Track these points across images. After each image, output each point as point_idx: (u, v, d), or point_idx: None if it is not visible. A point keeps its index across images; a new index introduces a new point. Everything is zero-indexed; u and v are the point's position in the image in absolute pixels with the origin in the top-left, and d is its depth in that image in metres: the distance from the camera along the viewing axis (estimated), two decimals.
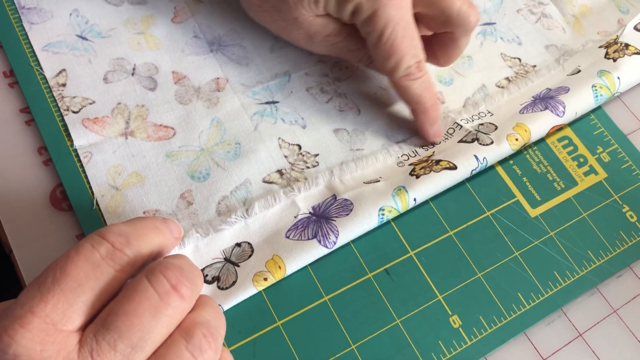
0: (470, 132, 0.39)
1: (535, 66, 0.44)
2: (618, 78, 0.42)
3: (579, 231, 0.39)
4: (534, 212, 0.39)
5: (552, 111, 0.40)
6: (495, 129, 0.39)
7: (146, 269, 0.25)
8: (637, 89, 0.45)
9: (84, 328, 0.24)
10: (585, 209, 0.39)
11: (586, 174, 0.41)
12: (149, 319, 0.24)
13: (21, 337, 0.22)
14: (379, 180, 0.36)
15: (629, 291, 0.38)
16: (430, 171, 0.36)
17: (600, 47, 0.44)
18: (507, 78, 0.43)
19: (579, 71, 0.43)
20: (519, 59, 0.44)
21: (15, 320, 0.22)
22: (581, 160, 0.41)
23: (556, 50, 0.45)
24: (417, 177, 0.36)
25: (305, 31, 0.37)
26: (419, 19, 0.37)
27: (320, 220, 0.35)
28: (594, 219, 0.39)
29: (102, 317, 0.24)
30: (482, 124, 0.40)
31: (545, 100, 0.41)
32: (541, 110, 0.40)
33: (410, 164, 0.38)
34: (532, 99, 0.41)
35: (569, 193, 0.40)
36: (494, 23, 0.46)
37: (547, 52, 0.45)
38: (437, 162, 0.37)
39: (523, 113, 0.40)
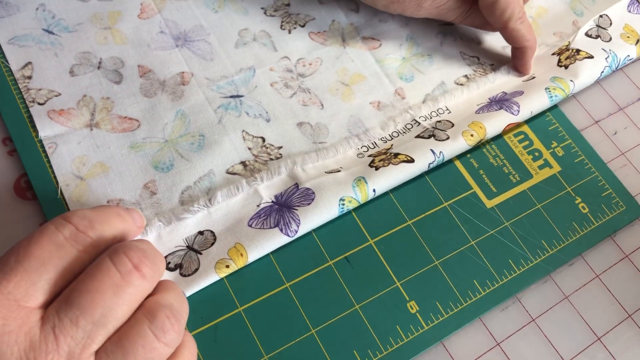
0: (427, 129, 0.40)
1: (493, 65, 0.46)
2: (571, 80, 0.43)
3: (534, 222, 0.40)
4: (490, 203, 0.40)
5: (506, 110, 0.41)
6: (452, 126, 0.41)
7: (109, 249, 0.26)
8: (590, 89, 0.47)
9: (46, 306, 0.24)
10: (539, 201, 0.41)
11: (541, 167, 0.42)
12: (110, 297, 0.24)
13: None
14: (340, 171, 0.37)
15: (580, 278, 0.39)
16: (389, 164, 0.38)
17: (553, 54, 0.46)
18: (465, 76, 0.45)
19: (534, 78, 0.45)
20: (478, 58, 0.46)
21: None
22: (536, 154, 0.43)
23: None
24: (377, 168, 0.37)
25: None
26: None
27: (282, 209, 0.35)
28: (548, 210, 0.41)
29: (65, 294, 0.24)
30: (439, 122, 0.41)
31: (500, 102, 0.42)
32: (496, 110, 0.41)
33: (369, 155, 0.39)
34: (489, 100, 0.43)
35: (524, 185, 0.41)
36: (453, 24, 0.47)
37: (504, 52, 0.47)
38: (396, 155, 0.38)
39: (479, 113, 0.42)
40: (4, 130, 0.36)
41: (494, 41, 0.47)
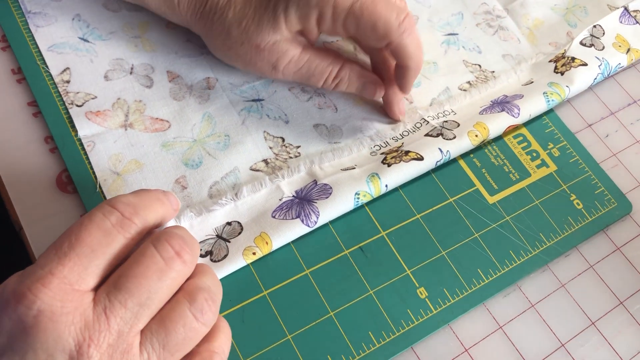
0: (435, 127, 0.44)
1: (493, 72, 0.49)
2: (567, 86, 0.47)
3: (532, 216, 0.43)
4: (491, 199, 0.43)
5: (508, 112, 0.45)
6: (458, 126, 0.44)
7: (152, 237, 0.28)
8: (584, 94, 0.50)
9: (96, 289, 0.26)
10: (537, 197, 0.44)
11: (538, 166, 0.46)
12: (155, 281, 0.27)
13: (44, 295, 0.24)
14: (355, 168, 0.41)
15: (575, 268, 0.42)
16: (400, 161, 0.41)
17: (550, 61, 0.50)
18: (468, 82, 0.48)
19: (532, 82, 0.48)
20: (479, 65, 0.49)
21: (37, 280, 0.25)
22: (534, 154, 0.46)
23: (512, 59, 0.50)
24: (389, 165, 0.40)
25: (268, 59, 0.39)
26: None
27: (302, 202, 0.39)
28: (545, 206, 0.44)
29: (113, 279, 0.27)
30: (446, 121, 0.44)
31: (502, 104, 0.46)
32: (498, 112, 0.45)
33: (382, 153, 0.42)
34: (491, 103, 0.46)
35: (523, 183, 0.45)
36: (457, 34, 0.51)
37: (504, 60, 0.50)
38: (406, 152, 0.41)
39: (482, 114, 0.45)
40: (46, 129, 0.39)
41: (495, 51, 0.50)
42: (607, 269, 0.43)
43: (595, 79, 0.48)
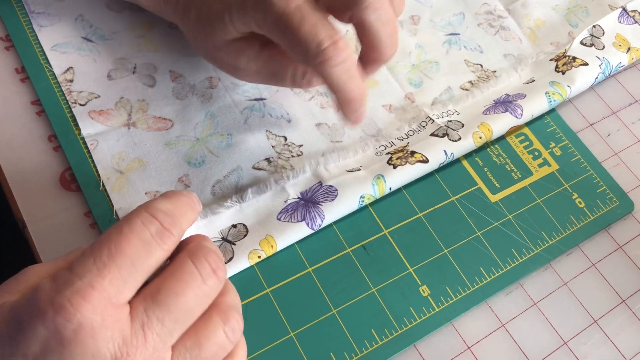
0: (440, 127, 0.44)
1: (495, 72, 0.49)
2: (568, 86, 0.47)
3: (534, 215, 0.43)
4: (494, 198, 0.43)
5: (511, 113, 0.45)
6: (462, 126, 0.44)
7: (189, 251, 0.27)
8: (585, 94, 0.50)
9: (130, 301, 0.26)
10: (539, 196, 0.44)
11: (540, 165, 0.46)
12: (193, 298, 0.26)
13: (85, 309, 0.23)
14: (360, 169, 0.41)
15: (577, 267, 0.43)
16: (406, 162, 0.41)
17: (551, 60, 0.50)
18: (470, 81, 0.48)
19: (533, 81, 0.48)
20: (481, 65, 0.50)
21: (77, 293, 0.23)
22: (536, 153, 0.46)
23: (513, 59, 0.51)
24: (394, 167, 0.41)
25: (227, 60, 0.38)
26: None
27: (308, 204, 0.39)
28: (547, 204, 0.44)
29: (151, 293, 0.26)
30: (450, 121, 0.45)
31: (505, 103, 0.46)
32: (502, 112, 0.45)
33: (387, 153, 0.42)
34: (494, 102, 0.46)
35: (525, 182, 0.45)
36: (458, 34, 0.51)
37: (505, 60, 0.50)
38: (412, 153, 0.41)
39: (486, 114, 0.45)
40: (50, 128, 0.39)
41: (496, 50, 0.51)
42: (609, 267, 0.43)
43: (597, 78, 0.49)
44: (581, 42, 0.50)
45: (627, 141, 0.49)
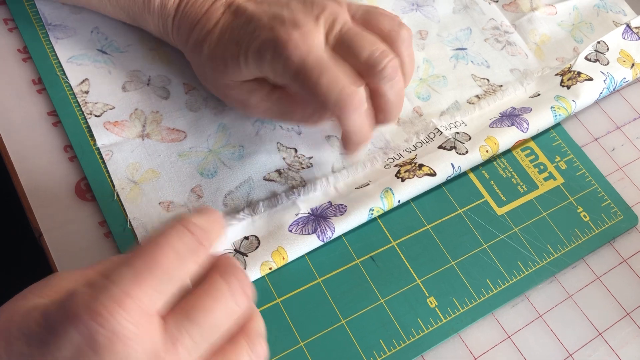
0: (448, 139, 0.45)
1: (501, 86, 0.50)
2: (573, 101, 0.48)
3: (540, 228, 0.44)
4: (500, 211, 0.44)
5: (517, 127, 0.46)
6: (469, 139, 0.45)
7: (220, 270, 0.28)
8: (590, 109, 0.51)
9: (161, 313, 0.26)
10: (545, 209, 0.45)
11: (546, 179, 0.46)
12: (224, 317, 0.26)
13: (120, 316, 0.23)
14: (369, 184, 0.41)
15: (582, 280, 0.43)
16: (414, 176, 0.42)
17: (556, 74, 0.51)
18: (477, 96, 0.49)
19: (539, 95, 0.49)
20: (488, 80, 0.50)
21: (113, 300, 0.23)
22: (541, 167, 0.47)
23: (519, 74, 0.51)
24: (403, 180, 0.41)
25: (237, 98, 0.40)
26: None
27: (318, 219, 0.39)
28: (553, 217, 0.45)
29: (184, 308, 0.26)
30: (457, 133, 0.45)
31: (511, 117, 0.46)
32: (508, 126, 0.46)
33: (395, 165, 0.43)
34: (500, 115, 0.47)
35: (530, 195, 0.45)
36: (465, 48, 0.52)
37: (511, 75, 0.51)
38: (420, 166, 0.42)
39: (492, 127, 0.46)
40: (65, 138, 0.40)
41: (503, 65, 0.51)
42: (614, 280, 0.43)
43: (601, 93, 0.49)
44: (586, 58, 0.51)
45: (632, 156, 0.50)
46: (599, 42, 0.52)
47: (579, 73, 0.50)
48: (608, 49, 0.52)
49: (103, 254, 0.37)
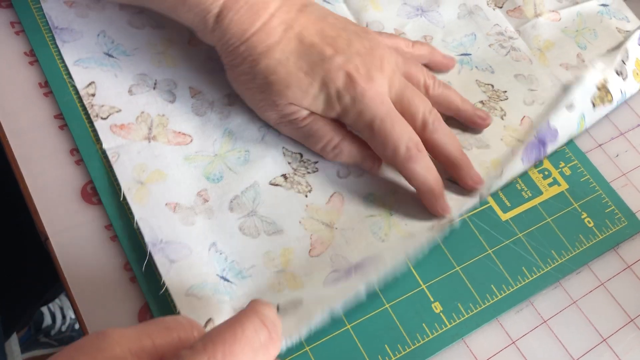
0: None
1: (505, 92, 0.50)
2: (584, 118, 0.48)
3: (544, 233, 0.44)
4: (504, 216, 0.44)
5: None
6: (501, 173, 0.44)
7: None
8: None
9: None
10: (549, 215, 0.45)
11: (550, 185, 0.47)
12: None
13: None
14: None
15: (586, 285, 0.43)
16: None
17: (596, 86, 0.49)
18: (481, 101, 0.49)
19: (573, 106, 0.47)
20: (492, 85, 0.51)
21: None
22: (546, 173, 0.47)
23: (524, 79, 0.52)
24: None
25: (276, 115, 0.41)
26: None
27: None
28: (557, 223, 0.45)
29: None
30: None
31: (539, 147, 0.46)
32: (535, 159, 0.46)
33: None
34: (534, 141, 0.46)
35: (535, 201, 0.46)
36: (470, 54, 0.52)
37: (516, 80, 0.51)
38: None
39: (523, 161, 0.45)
40: (72, 142, 0.40)
41: (507, 71, 0.52)
42: (618, 286, 0.43)
43: (613, 109, 0.50)
44: (616, 71, 0.50)
45: (635, 162, 0.50)
46: (622, 48, 0.51)
47: (607, 91, 0.49)
48: (628, 57, 0.52)
49: (109, 258, 0.37)
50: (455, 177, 0.43)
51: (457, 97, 0.46)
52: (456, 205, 0.42)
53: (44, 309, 0.95)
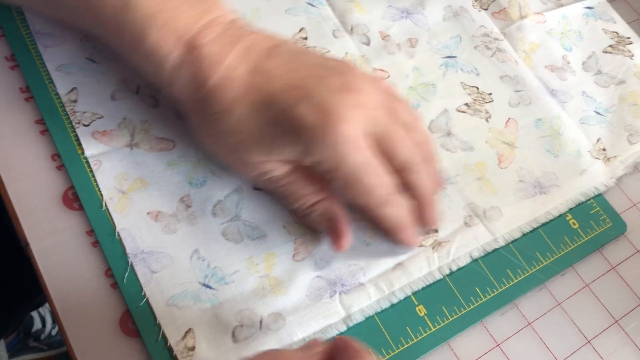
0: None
1: (491, 94, 0.50)
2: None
3: (529, 236, 0.44)
4: None
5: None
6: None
7: None
8: None
9: None
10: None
11: None
12: None
13: None
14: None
15: (571, 287, 0.43)
16: None
17: None
18: (466, 104, 0.49)
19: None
20: (477, 88, 0.51)
21: None
22: None
23: (510, 80, 0.52)
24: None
25: (249, 172, 0.38)
26: None
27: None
28: (542, 225, 0.45)
29: None
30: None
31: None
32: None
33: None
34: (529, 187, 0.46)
35: None
36: (455, 57, 0.52)
37: (501, 82, 0.51)
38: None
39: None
40: (53, 147, 0.40)
41: (493, 73, 0.52)
42: (603, 287, 0.43)
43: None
44: None
45: None
46: None
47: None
48: None
49: (90, 263, 0.37)
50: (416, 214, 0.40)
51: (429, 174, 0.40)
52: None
53: (34, 313, 0.95)
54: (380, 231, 0.40)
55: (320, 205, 0.38)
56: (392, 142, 0.37)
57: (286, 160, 0.36)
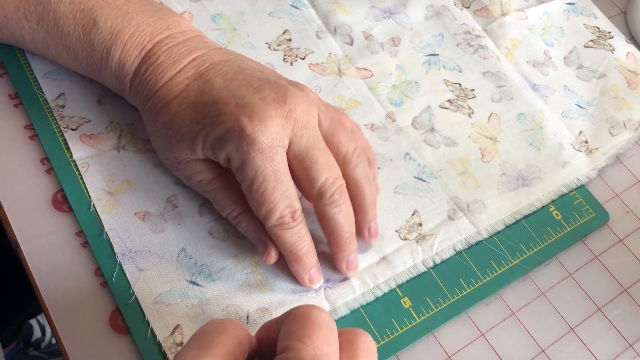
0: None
1: (473, 90, 0.51)
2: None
3: (512, 227, 0.45)
4: None
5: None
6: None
7: None
8: None
9: None
10: None
11: None
12: None
13: None
14: None
15: (554, 277, 0.44)
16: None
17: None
18: (449, 100, 0.50)
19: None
20: (459, 84, 0.51)
21: None
22: None
23: (492, 76, 0.52)
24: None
25: (183, 172, 0.39)
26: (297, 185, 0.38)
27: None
28: (525, 216, 0.46)
29: None
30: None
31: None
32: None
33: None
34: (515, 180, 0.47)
35: None
36: (438, 54, 0.53)
37: (484, 78, 0.52)
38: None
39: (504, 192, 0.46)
40: (42, 151, 0.41)
41: (475, 69, 0.52)
42: (586, 276, 0.44)
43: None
44: None
45: None
46: None
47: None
48: None
49: (80, 264, 0.38)
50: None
51: (370, 192, 0.40)
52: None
53: (33, 322, 0.96)
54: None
55: (245, 216, 0.38)
56: (336, 139, 0.38)
57: (207, 158, 0.37)
